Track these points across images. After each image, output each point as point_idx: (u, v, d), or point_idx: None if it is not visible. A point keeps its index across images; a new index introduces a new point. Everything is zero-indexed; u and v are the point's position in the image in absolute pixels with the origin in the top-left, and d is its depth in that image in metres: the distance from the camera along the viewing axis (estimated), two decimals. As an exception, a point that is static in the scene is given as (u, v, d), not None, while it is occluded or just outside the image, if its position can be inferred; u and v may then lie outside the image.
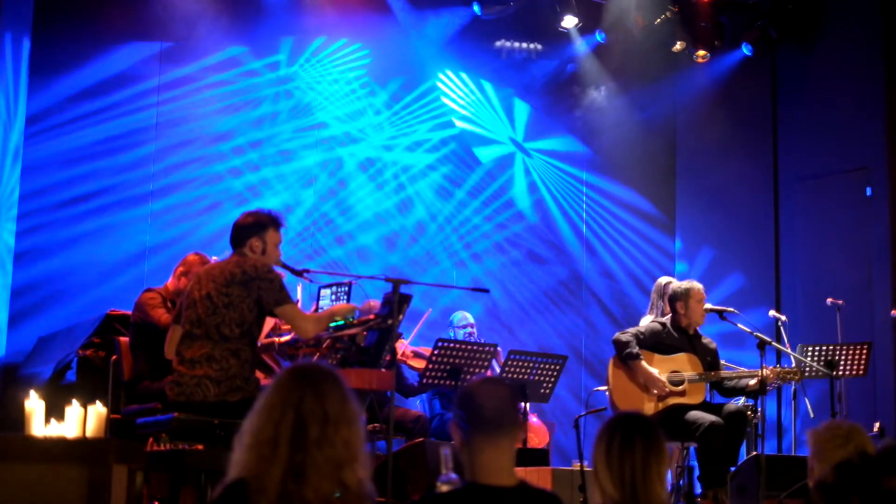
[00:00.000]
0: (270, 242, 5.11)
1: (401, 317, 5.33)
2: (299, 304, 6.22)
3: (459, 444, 2.80)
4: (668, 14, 9.45)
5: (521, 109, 10.07)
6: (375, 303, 5.39)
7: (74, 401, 3.94)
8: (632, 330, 6.71)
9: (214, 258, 6.36)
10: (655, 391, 6.51)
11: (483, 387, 2.83)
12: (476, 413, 2.77)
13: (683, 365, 6.58)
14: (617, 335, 6.66)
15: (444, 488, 2.95)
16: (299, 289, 6.55)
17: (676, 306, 6.71)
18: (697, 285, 6.75)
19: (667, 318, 6.79)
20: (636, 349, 6.53)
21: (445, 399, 7.65)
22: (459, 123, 9.80)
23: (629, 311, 9.82)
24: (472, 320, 7.97)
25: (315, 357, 5.67)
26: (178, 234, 8.45)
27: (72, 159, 8.31)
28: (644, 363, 6.53)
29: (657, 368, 6.57)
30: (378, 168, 9.43)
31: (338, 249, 9.14)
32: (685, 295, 6.68)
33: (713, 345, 6.83)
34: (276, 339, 5.96)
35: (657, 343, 6.63)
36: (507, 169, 9.97)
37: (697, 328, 6.76)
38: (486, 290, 6.84)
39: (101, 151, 8.41)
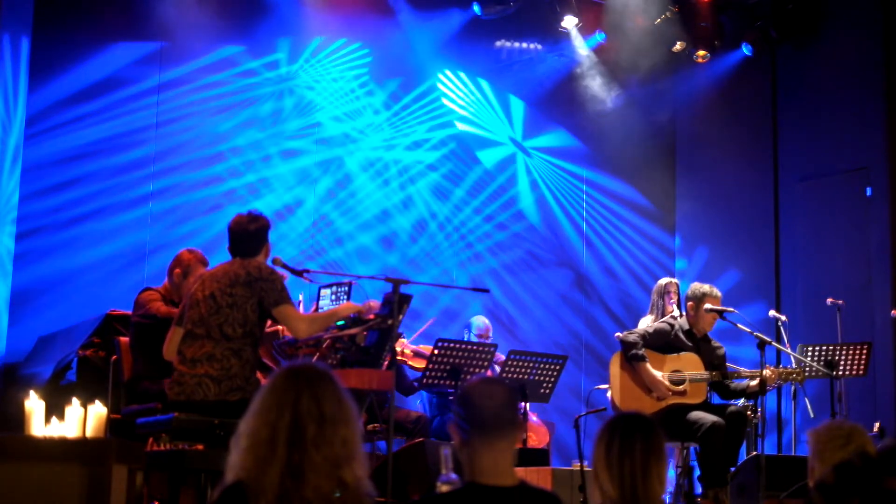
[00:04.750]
0: (270, 245, 5.17)
1: (401, 317, 5.33)
2: (301, 308, 6.21)
3: (458, 445, 2.80)
4: (668, 14, 9.45)
5: (521, 109, 10.07)
6: (375, 303, 5.38)
7: (74, 401, 3.94)
8: (639, 330, 6.69)
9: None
10: (657, 394, 6.51)
11: (481, 387, 2.82)
12: (473, 414, 2.77)
13: (685, 364, 6.58)
14: (623, 335, 6.64)
15: (444, 488, 2.95)
16: (301, 297, 6.54)
17: (687, 306, 6.71)
18: (717, 293, 6.71)
19: (676, 319, 6.77)
20: (642, 351, 6.52)
21: (443, 400, 7.66)
22: (460, 124, 9.79)
23: (629, 310, 9.82)
24: (490, 332, 7.97)
25: (315, 357, 5.67)
26: (179, 235, 8.43)
27: (72, 159, 8.30)
28: (648, 366, 6.51)
29: (659, 366, 6.56)
30: (378, 168, 9.43)
31: (338, 250, 9.14)
32: (699, 298, 6.66)
33: (722, 350, 6.80)
34: (281, 328, 5.93)
35: (664, 344, 6.62)
36: (507, 169, 9.97)
37: (706, 332, 6.75)
38: (486, 290, 6.84)
39: (101, 151, 8.40)
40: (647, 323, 7.66)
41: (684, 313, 6.82)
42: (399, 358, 6.83)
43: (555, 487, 6.04)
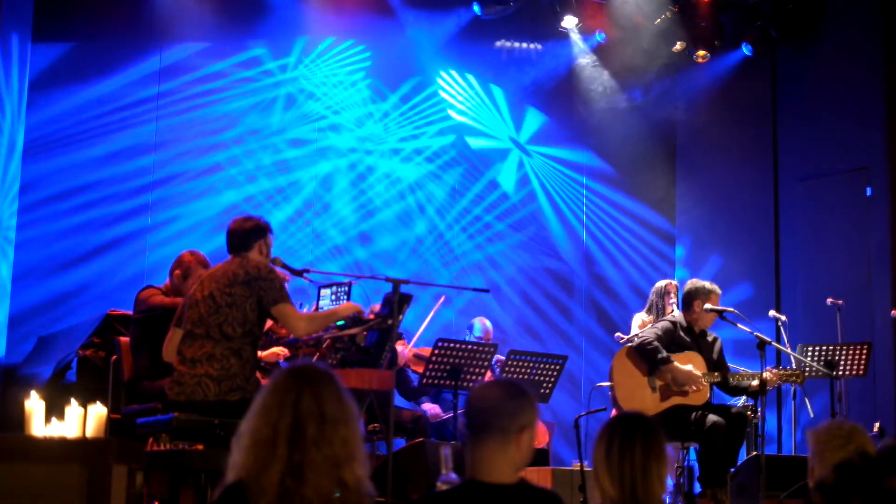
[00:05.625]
0: (270, 245, 5.17)
1: (401, 317, 5.33)
2: (305, 310, 6.22)
3: (464, 442, 2.84)
4: (668, 14, 9.45)
5: (521, 109, 10.08)
6: (376, 306, 5.40)
7: (74, 401, 3.93)
8: (650, 333, 6.61)
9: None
10: (694, 388, 6.45)
11: (481, 388, 2.86)
12: (468, 413, 2.82)
13: (688, 364, 6.55)
14: (640, 342, 6.53)
15: (444, 488, 2.96)
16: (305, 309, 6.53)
17: (694, 304, 6.65)
18: (718, 290, 6.72)
19: (677, 318, 6.75)
20: (665, 352, 6.48)
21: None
22: (459, 118, 9.79)
23: (629, 309, 9.81)
24: (491, 334, 7.96)
25: (315, 357, 5.67)
26: (179, 235, 8.44)
27: (72, 160, 8.31)
28: (678, 364, 6.47)
29: None
30: (379, 168, 9.43)
31: (336, 249, 9.14)
32: (706, 295, 6.64)
33: (718, 342, 6.78)
34: (260, 354, 5.92)
35: (669, 342, 6.59)
36: (507, 169, 9.98)
37: (705, 329, 6.74)
38: (487, 291, 6.84)
39: (102, 151, 8.41)
40: (640, 320, 7.66)
41: (681, 312, 6.79)
42: (400, 363, 6.85)
43: (555, 487, 6.04)
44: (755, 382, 6.49)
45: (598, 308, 10.06)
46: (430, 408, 7.54)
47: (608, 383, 6.69)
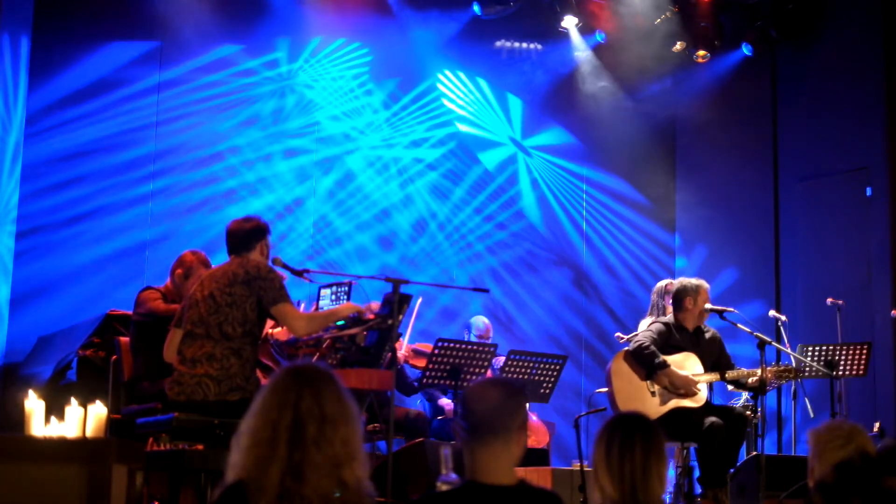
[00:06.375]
0: (269, 246, 5.19)
1: (401, 317, 5.33)
2: (303, 307, 6.21)
3: (461, 444, 2.82)
4: (668, 14, 9.46)
5: (521, 109, 10.08)
6: (376, 304, 5.39)
7: (74, 401, 3.94)
8: (645, 336, 6.53)
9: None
10: (689, 392, 6.44)
11: (479, 389, 2.85)
12: (468, 415, 2.80)
13: (685, 365, 6.54)
14: (636, 347, 6.46)
15: (444, 488, 2.96)
16: (307, 306, 6.52)
17: (685, 302, 6.62)
18: (706, 284, 6.72)
19: (669, 318, 6.73)
20: (661, 357, 6.44)
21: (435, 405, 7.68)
22: (460, 124, 9.80)
23: (629, 309, 9.82)
24: (490, 332, 7.96)
25: (315, 357, 5.67)
26: (179, 235, 8.44)
27: (71, 158, 8.31)
28: (674, 368, 6.45)
29: None
30: (378, 168, 9.43)
31: (338, 249, 9.14)
32: (695, 291, 6.63)
33: (718, 337, 6.75)
34: (271, 332, 5.92)
35: (664, 344, 6.57)
36: (507, 168, 9.98)
37: (699, 325, 6.73)
38: (486, 290, 6.83)
39: (101, 150, 8.41)
40: (646, 324, 7.64)
41: (672, 312, 6.78)
42: (400, 360, 6.84)
43: (555, 487, 6.04)
44: (752, 380, 6.48)
45: (598, 306, 10.05)
46: (447, 403, 7.54)
47: (606, 389, 6.65)
